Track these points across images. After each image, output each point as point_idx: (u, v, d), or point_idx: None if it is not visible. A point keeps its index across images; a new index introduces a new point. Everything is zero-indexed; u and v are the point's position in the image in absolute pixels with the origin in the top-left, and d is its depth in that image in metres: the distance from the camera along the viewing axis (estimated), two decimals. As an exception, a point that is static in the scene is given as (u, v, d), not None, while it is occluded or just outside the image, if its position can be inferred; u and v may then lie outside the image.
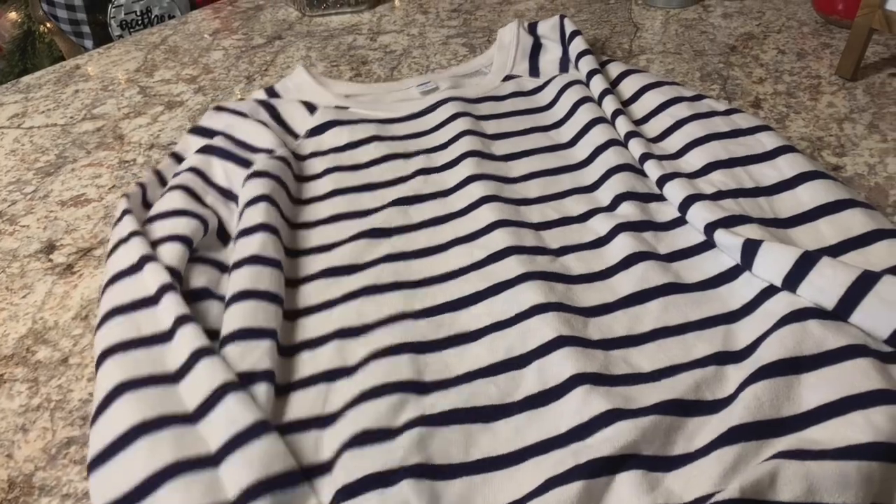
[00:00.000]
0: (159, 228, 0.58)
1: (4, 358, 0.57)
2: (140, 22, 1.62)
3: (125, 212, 0.60)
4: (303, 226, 0.63)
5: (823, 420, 0.41)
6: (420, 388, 0.47)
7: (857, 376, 0.42)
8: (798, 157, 0.60)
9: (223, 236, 0.61)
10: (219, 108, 0.74)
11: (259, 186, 0.61)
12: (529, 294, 0.52)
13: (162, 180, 0.67)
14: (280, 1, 1.17)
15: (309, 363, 0.50)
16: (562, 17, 0.81)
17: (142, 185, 0.65)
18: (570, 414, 0.44)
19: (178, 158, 0.70)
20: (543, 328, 0.49)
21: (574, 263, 0.56)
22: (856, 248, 0.52)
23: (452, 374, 0.48)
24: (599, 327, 0.50)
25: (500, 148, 0.69)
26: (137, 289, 0.52)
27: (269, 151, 0.68)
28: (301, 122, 0.74)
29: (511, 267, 0.55)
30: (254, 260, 0.54)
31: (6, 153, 0.82)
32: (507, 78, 0.79)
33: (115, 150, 0.80)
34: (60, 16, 1.57)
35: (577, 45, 0.77)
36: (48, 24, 1.60)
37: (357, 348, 0.50)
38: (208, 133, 0.71)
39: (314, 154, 0.71)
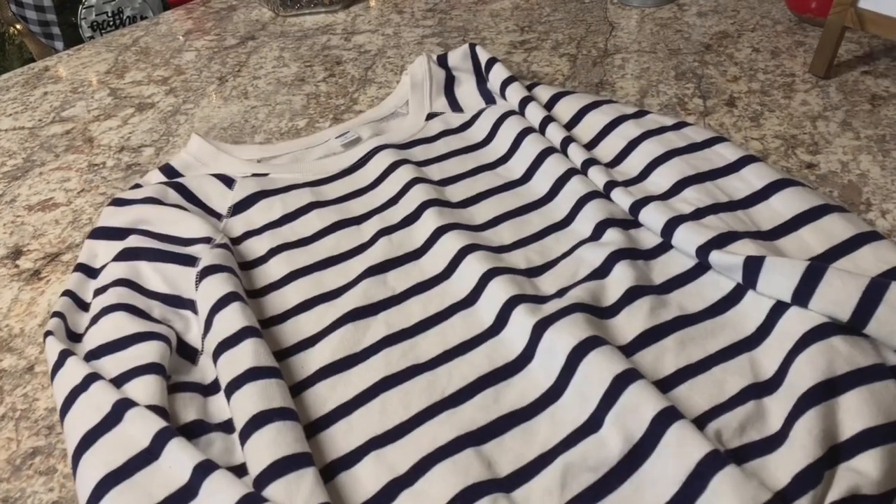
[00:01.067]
0: (117, 363, 0.48)
1: (-32, 366, 0.56)
2: (111, 23, 1.59)
3: (47, 333, 0.51)
4: (270, 322, 0.54)
5: (867, 448, 0.40)
6: (498, 485, 0.41)
7: (890, 399, 0.42)
8: (762, 166, 0.59)
9: (186, 352, 0.52)
10: (119, 202, 0.62)
11: (220, 285, 0.52)
12: (561, 344, 0.47)
13: (79, 301, 0.55)
14: (253, 1, 1.16)
15: (354, 487, 0.43)
16: (472, 46, 0.78)
17: (59, 315, 0.53)
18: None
19: (88, 270, 0.58)
20: (596, 372, 0.45)
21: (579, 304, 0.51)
22: (844, 254, 0.51)
23: (527, 459, 0.43)
24: None
25: (455, 193, 0.64)
26: (126, 445, 0.42)
27: (207, 240, 0.58)
28: (220, 198, 0.64)
29: (524, 327, 0.49)
30: (254, 374, 0.46)
31: (-29, 157, 0.80)
32: (430, 116, 0.74)
33: (84, 153, 0.79)
34: (30, 17, 1.55)
35: (499, 73, 0.74)
36: (17, 26, 1.57)
37: (402, 456, 0.44)
38: (116, 233, 0.60)
39: (248, 234, 0.61)
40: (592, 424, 0.43)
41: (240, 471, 0.43)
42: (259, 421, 0.43)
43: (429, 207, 0.61)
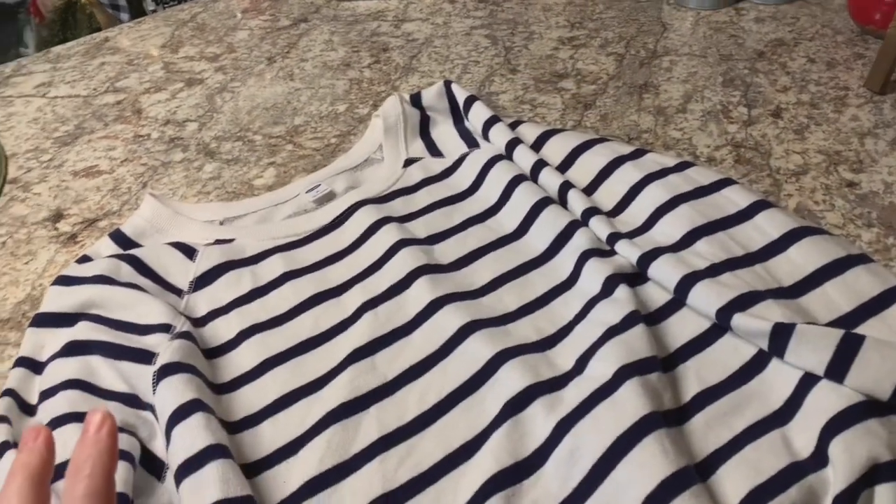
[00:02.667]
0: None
1: (0, 321, 0.58)
2: (177, -3, 1.63)
3: None
4: (244, 424, 0.48)
5: None
6: None
7: None
8: (776, 212, 0.56)
9: (153, 465, 0.45)
10: (66, 280, 0.55)
11: (180, 391, 0.46)
12: (586, 450, 0.43)
13: (23, 404, 0.48)
14: (312, -17, 1.17)
15: None
16: (447, 83, 0.73)
17: (3, 419, 0.46)
18: None
19: (33, 365, 0.51)
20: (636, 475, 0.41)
21: (604, 372, 0.47)
22: (874, 314, 0.48)
23: None
24: None
25: (444, 253, 0.58)
26: None
27: (166, 327, 0.52)
28: (180, 272, 0.58)
29: (542, 419, 0.45)
30: None
31: (29, 121, 0.83)
32: (408, 163, 0.69)
33: (131, 123, 0.81)
34: (101, -13, 1.60)
35: (479, 113, 0.69)
36: (90, -4, 1.63)
37: None
38: (63, 320, 0.53)
39: (213, 314, 0.55)
40: None
41: None
42: None
43: (420, 276, 0.55)
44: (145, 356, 0.50)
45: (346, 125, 0.77)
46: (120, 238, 0.61)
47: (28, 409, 0.48)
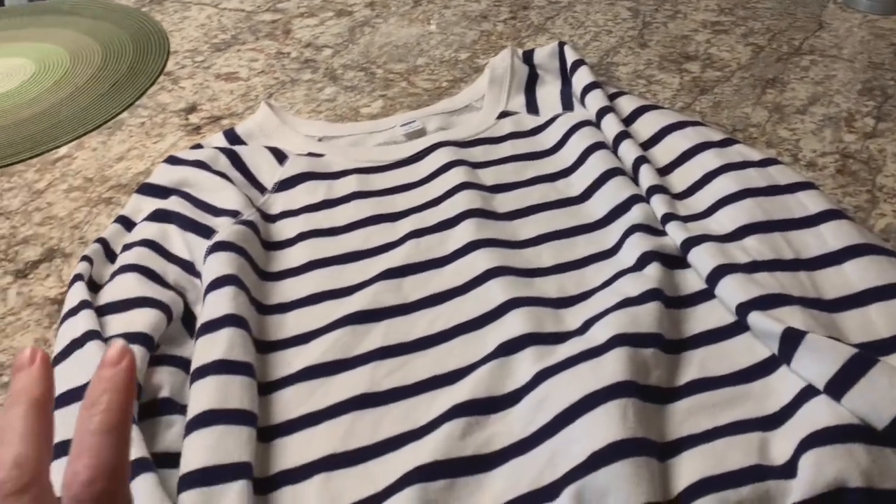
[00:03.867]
0: (112, 323, 0.50)
1: (119, 186, 0.68)
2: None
3: (76, 277, 0.53)
4: (275, 309, 0.53)
5: None
6: None
7: None
8: (845, 224, 0.52)
9: (191, 322, 0.52)
10: (173, 160, 0.64)
11: (223, 264, 0.52)
12: (554, 401, 0.44)
13: (109, 252, 0.57)
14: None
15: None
16: (561, 45, 0.73)
17: (88, 260, 0.55)
18: None
19: (127, 223, 0.59)
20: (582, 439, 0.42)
21: (600, 336, 0.47)
22: None
23: None
24: None
25: (503, 203, 0.60)
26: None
27: (235, 213, 0.58)
28: (269, 173, 0.64)
29: (527, 365, 0.46)
30: (219, 367, 0.46)
31: (197, 25, 0.94)
32: (503, 115, 0.70)
33: (278, 41, 0.89)
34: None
35: (582, 77, 0.69)
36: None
37: (350, 486, 0.42)
38: (161, 192, 0.61)
39: (285, 213, 0.61)
40: (553, 490, 0.41)
41: None
42: (205, 419, 0.43)
43: (469, 217, 0.58)
44: (208, 232, 0.57)
45: (461, 72, 0.80)
46: (231, 135, 0.69)
47: (111, 256, 0.57)
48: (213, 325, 0.48)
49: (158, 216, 0.59)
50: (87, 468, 0.22)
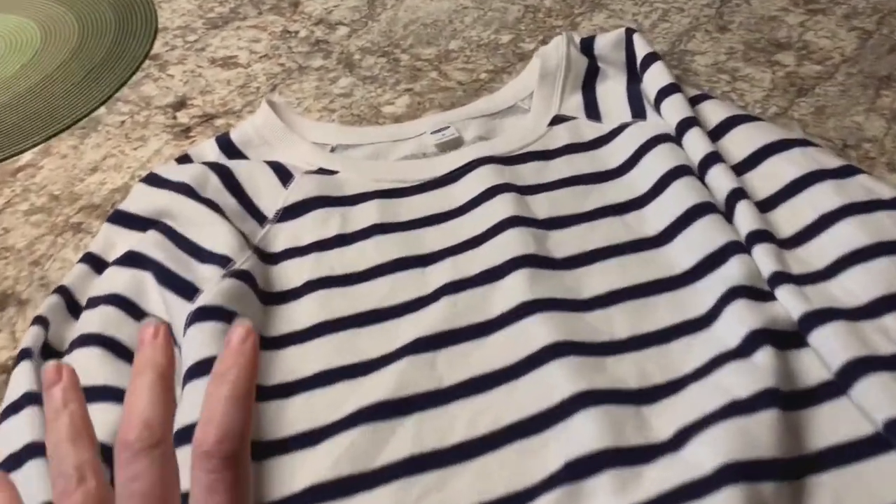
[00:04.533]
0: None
1: (91, 206, 0.56)
2: None
3: (23, 354, 0.43)
4: (275, 391, 0.42)
5: None
6: None
7: None
8: None
9: None
10: (153, 180, 0.52)
11: (206, 342, 0.42)
12: None
13: (73, 304, 0.47)
14: None
15: None
16: (629, 31, 0.59)
17: (42, 322, 0.45)
18: None
19: (96, 263, 0.49)
20: None
21: (705, 461, 0.36)
22: None
23: None
24: None
25: (560, 244, 0.48)
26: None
27: (225, 261, 0.47)
28: (271, 196, 0.52)
29: (605, 498, 0.35)
30: None
31: (189, -5, 0.80)
32: (557, 120, 0.57)
33: (285, 16, 0.76)
34: None
35: (657, 75, 0.56)
36: None
37: None
38: (138, 223, 0.50)
39: (289, 252, 0.49)
40: None
41: None
42: None
43: (520, 267, 0.46)
44: (191, 291, 0.45)
45: (503, 60, 0.67)
46: (225, 143, 0.56)
47: (75, 309, 0.47)
48: (185, 435, 0.38)
49: (132, 260, 0.48)
50: (218, 428, 0.24)
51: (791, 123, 0.58)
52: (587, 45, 0.61)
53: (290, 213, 0.51)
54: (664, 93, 0.55)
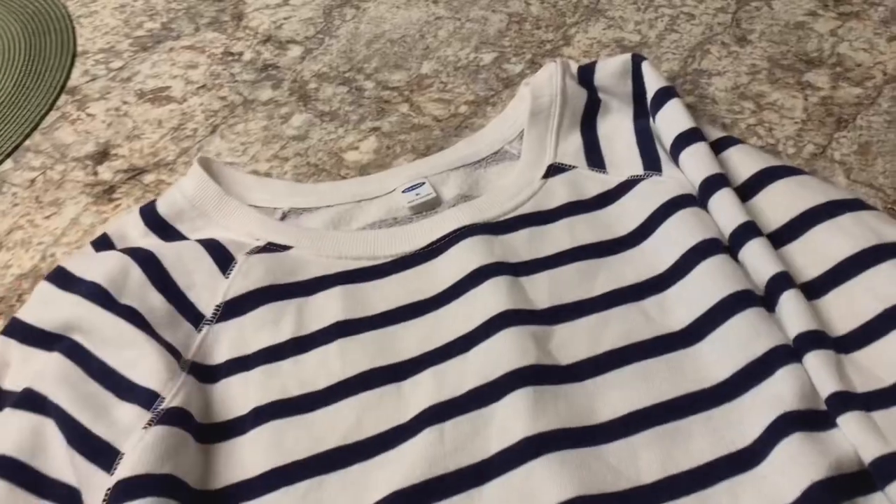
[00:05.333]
0: None
1: (-9, 302, 0.46)
2: None
3: None
4: None
5: None
6: None
7: None
8: None
9: None
10: (61, 278, 0.42)
11: None
12: None
13: None
14: None
15: None
16: (636, 60, 0.50)
17: None
18: None
19: None
20: None
21: None
22: None
23: None
24: None
25: (567, 344, 0.39)
26: None
27: (151, 398, 0.37)
28: (207, 287, 0.42)
29: None
30: None
31: (113, 9, 0.68)
32: (553, 170, 0.48)
33: (226, 33, 0.64)
34: None
35: (674, 118, 0.46)
36: None
37: None
38: (41, 339, 0.40)
39: (232, 366, 0.40)
40: None
41: None
42: None
43: (520, 385, 0.36)
44: (106, 454, 0.35)
45: (485, 87, 0.56)
46: (151, 217, 0.46)
47: None
48: None
49: (29, 402, 0.37)
50: None
51: (832, 167, 0.49)
52: (586, 74, 0.51)
53: (233, 308, 0.42)
54: (683, 141, 0.45)
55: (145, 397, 0.37)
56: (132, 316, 0.40)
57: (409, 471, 0.35)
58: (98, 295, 0.40)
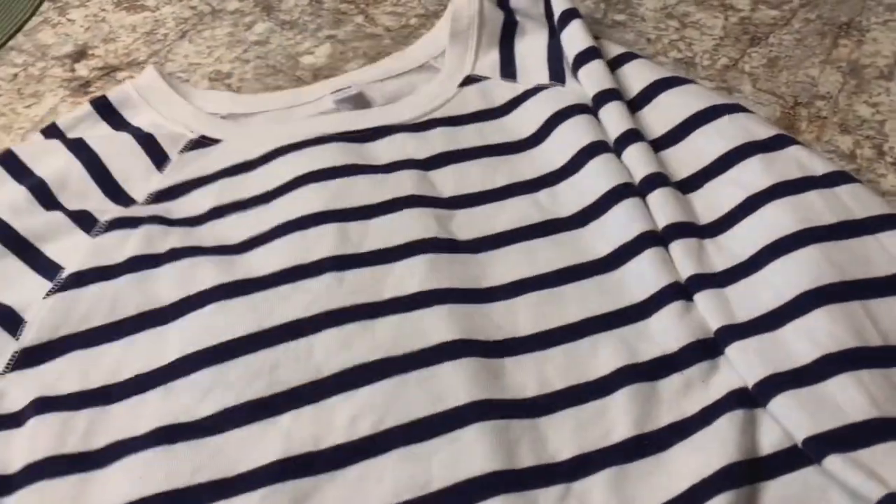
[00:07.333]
0: None
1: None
2: None
3: None
4: (131, 388, 0.38)
5: None
6: None
7: None
8: None
9: None
10: (7, 161, 0.47)
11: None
12: None
13: None
14: None
15: None
16: None
17: None
18: None
19: None
20: None
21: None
22: None
23: None
24: None
25: (466, 225, 0.44)
26: None
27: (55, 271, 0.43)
28: (142, 179, 0.47)
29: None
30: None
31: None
32: (468, 81, 0.52)
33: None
34: None
35: (575, 35, 0.51)
36: None
37: None
38: None
39: (152, 222, 0.44)
40: None
41: None
42: None
43: (419, 252, 0.42)
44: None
45: (436, 1, 0.61)
46: (100, 104, 0.51)
47: None
48: None
49: None
50: None
51: (741, 77, 0.53)
52: None
53: (163, 196, 0.46)
54: (581, 59, 0.50)
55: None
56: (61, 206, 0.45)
57: (309, 304, 0.40)
58: (36, 187, 0.45)
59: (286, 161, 0.47)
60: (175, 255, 0.42)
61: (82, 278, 0.41)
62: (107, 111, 0.50)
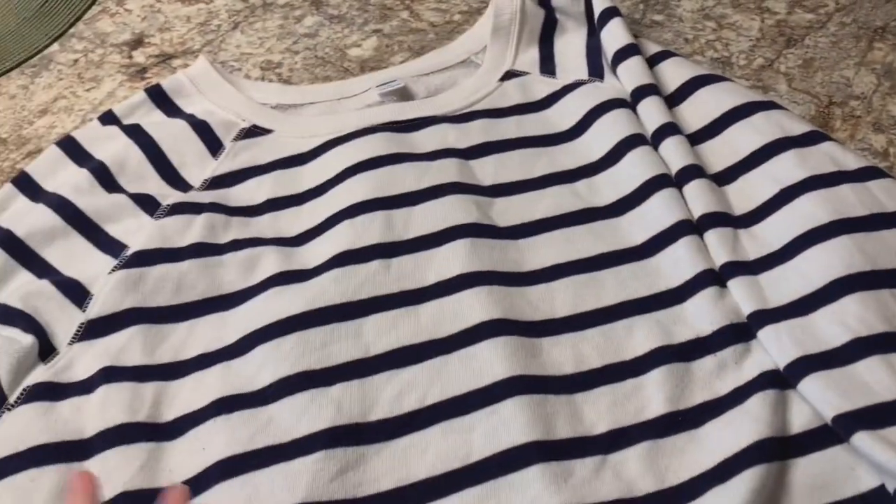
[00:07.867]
0: None
1: (39, 151, 0.53)
2: None
3: None
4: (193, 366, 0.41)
5: None
6: None
7: None
8: None
9: None
10: (69, 146, 0.49)
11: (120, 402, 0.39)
12: None
13: None
14: None
15: None
16: None
17: None
18: None
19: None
20: None
21: (639, 475, 0.35)
22: None
23: None
24: None
25: (505, 212, 0.46)
26: None
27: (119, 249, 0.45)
28: (197, 166, 0.49)
29: (537, 491, 0.34)
30: None
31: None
32: (508, 76, 0.54)
33: (252, -54, 0.71)
34: None
35: (615, 34, 0.52)
36: None
37: None
38: (38, 193, 0.47)
39: (213, 208, 0.46)
40: None
41: None
42: None
43: (460, 236, 0.43)
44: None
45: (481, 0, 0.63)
46: (154, 92, 0.53)
47: None
48: None
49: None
50: None
51: (776, 77, 0.55)
52: None
53: (220, 182, 0.48)
54: (621, 55, 0.51)
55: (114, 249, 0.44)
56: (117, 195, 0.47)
57: (358, 288, 0.42)
58: (99, 170, 0.47)
59: (336, 153, 0.49)
60: (237, 245, 0.44)
61: (147, 258, 0.44)
62: (161, 99, 0.53)
